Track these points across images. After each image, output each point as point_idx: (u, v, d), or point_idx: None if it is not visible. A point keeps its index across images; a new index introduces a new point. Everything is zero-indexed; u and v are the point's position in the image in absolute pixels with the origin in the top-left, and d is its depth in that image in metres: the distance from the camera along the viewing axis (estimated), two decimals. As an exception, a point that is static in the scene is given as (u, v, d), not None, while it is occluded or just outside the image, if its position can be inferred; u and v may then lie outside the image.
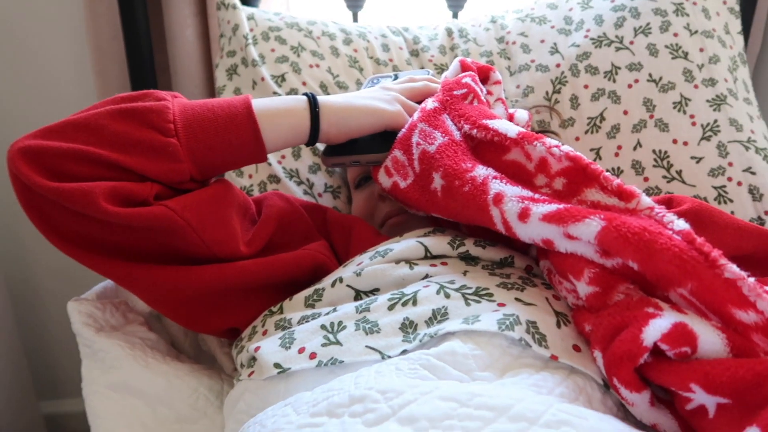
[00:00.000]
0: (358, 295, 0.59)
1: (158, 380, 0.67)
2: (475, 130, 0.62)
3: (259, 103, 0.64)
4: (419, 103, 0.74)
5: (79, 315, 0.71)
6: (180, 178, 0.60)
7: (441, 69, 1.03)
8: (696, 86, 0.91)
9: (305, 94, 0.68)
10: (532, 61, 0.99)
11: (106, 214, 0.54)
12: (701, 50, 0.92)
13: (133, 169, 0.57)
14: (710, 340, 0.42)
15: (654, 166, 0.89)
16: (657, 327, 0.43)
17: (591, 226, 0.47)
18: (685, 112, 0.90)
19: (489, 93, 0.78)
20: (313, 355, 0.51)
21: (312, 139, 0.68)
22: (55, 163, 0.55)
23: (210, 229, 0.60)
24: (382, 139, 0.71)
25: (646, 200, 0.50)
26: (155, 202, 0.58)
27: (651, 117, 0.91)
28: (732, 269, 0.42)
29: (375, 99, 0.71)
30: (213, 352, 0.78)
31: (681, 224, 0.46)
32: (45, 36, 1.31)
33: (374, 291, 0.59)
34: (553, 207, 0.50)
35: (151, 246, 0.59)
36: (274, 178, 0.92)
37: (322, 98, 0.68)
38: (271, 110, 0.65)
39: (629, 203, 0.50)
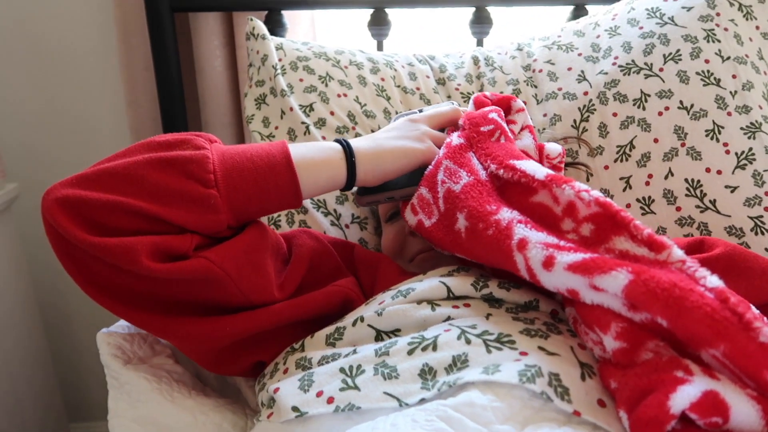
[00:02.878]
0: (378, 335, 0.59)
1: (184, 415, 0.67)
2: (501, 171, 0.61)
3: (296, 153, 0.63)
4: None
5: (107, 347, 0.72)
6: (218, 229, 0.59)
7: (468, 97, 1.03)
8: (729, 113, 0.88)
9: (338, 141, 0.68)
10: (559, 89, 0.98)
11: (148, 271, 0.53)
12: (734, 77, 0.90)
13: (173, 222, 0.56)
14: (744, 411, 0.40)
15: (686, 195, 0.87)
16: (686, 395, 0.41)
17: (618, 279, 0.46)
18: (718, 140, 0.87)
19: (513, 122, 0.78)
20: (330, 400, 0.51)
21: (348, 186, 0.68)
22: (95, 215, 0.54)
23: (247, 278, 0.60)
24: (414, 173, 0.71)
25: (678, 253, 0.48)
26: (194, 253, 0.58)
27: (683, 145, 0.89)
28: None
29: (405, 138, 0.71)
30: (238, 386, 0.78)
31: (714, 281, 0.44)
32: (81, 68, 1.36)
33: (395, 331, 0.58)
34: (579, 256, 0.49)
35: (188, 296, 0.59)
36: (302, 209, 0.92)
37: (355, 145, 0.68)
38: (309, 161, 0.64)
39: (660, 254, 0.48)
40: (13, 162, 1.38)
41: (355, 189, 0.74)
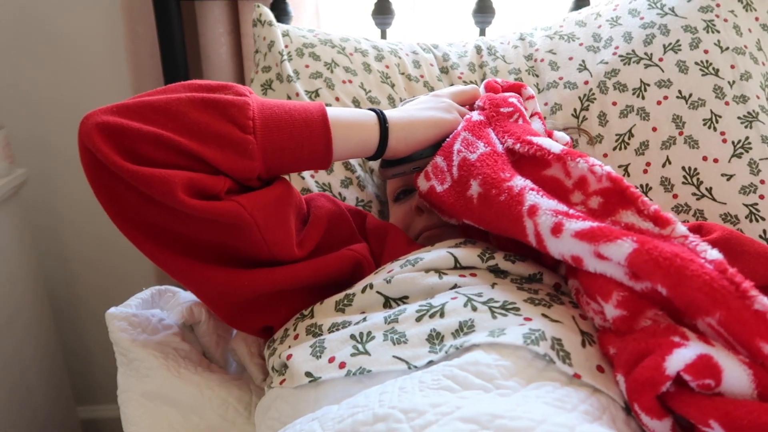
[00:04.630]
0: (387, 301, 0.60)
1: (190, 390, 0.69)
2: (518, 145, 0.63)
3: (332, 113, 0.65)
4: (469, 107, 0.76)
5: (116, 324, 0.73)
6: (249, 176, 0.60)
7: (470, 86, 1.04)
8: (727, 103, 0.90)
9: (372, 109, 0.70)
10: (560, 78, 1.00)
11: (181, 205, 0.54)
12: (732, 67, 0.92)
13: (209, 161, 0.57)
14: (735, 375, 0.42)
15: (683, 183, 0.89)
16: (681, 357, 0.43)
17: (623, 248, 0.47)
18: (715, 129, 0.89)
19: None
20: (342, 365, 0.53)
21: (378, 153, 0.69)
22: (133, 145, 0.54)
23: (272, 229, 0.61)
24: (439, 144, 0.73)
25: (681, 228, 0.50)
26: (226, 196, 0.58)
27: (680, 134, 0.90)
28: (763, 301, 0.42)
29: (434, 109, 0.73)
30: (243, 362, 0.79)
31: (714, 254, 0.46)
32: (88, 55, 1.37)
33: (403, 298, 0.60)
34: (586, 224, 0.51)
35: (212, 239, 0.60)
36: (307, 192, 0.94)
37: (388, 114, 0.69)
38: (344, 122, 0.66)
39: (664, 229, 0.50)
40: (20, 150, 1.39)
41: (379, 162, 0.76)
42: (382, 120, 0.68)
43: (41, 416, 1.39)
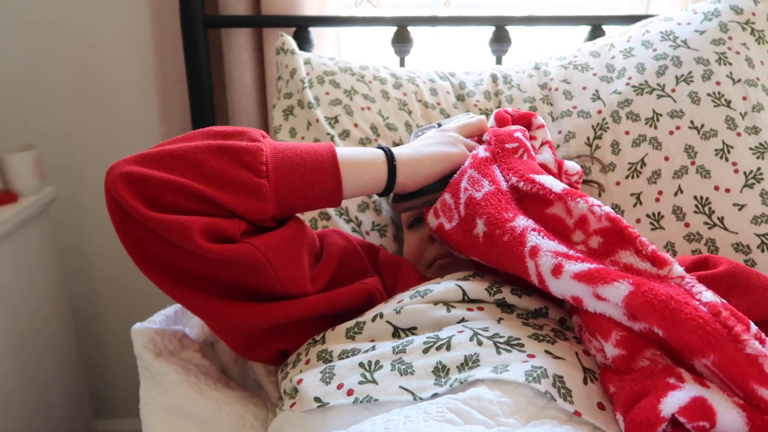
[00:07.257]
0: (396, 331, 0.63)
1: (209, 405, 0.72)
2: (522, 183, 0.65)
3: (342, 153, 0.68)
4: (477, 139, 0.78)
5: (141, 339, 0.77)
6: (263, 217, 0.63)
7: (486, 114, 1.06)
8: (739, 134, 0.91)
9: (380, 147, 0.72)
10: (574, 107, 1.02)
11: (199, 249, 0.57)
12: (744, 98, 0.93)
13: (225, 206, 0.60)
14: (729, 417, 0.44)
15: (695, 212, 0.90)
16: (675, 399, 0.45)
17: (619, 290, 0.49)
18: (727, 160, 0.90)
19: (533, 138, 0.81)
20: (350, 392, 0.55)
21: (387, 190, 0.72)
22: (155, 193, 0.58)
23: (286, 269, 0.64)
24: (447, 178, 0.75)
25: (678, 269, 0.52)
26: (242, 238, 0.62)
27: (692, 163, 0.91)
28: (754, 345, 0.44)
29: (440, 144, 0.76)
30: (260, 380, 0.82)
31: (709, 296, 0.48)
32: (117, 79, 1.43)
33: (412, 329, 0.62)
34: (585, 266, 0.53)
35: (229, 278, 0.63)
36: (325, 215, 0.97)
37: (396, 151, 0.72)
38: (353, 161, 0.68)
39: (661, 270, 0.52)
40: (49, 170, 1.45)
41: (391, 197, 0.78)
42: (390, 157, 0.71)
43: (59, 429, 1.43)
